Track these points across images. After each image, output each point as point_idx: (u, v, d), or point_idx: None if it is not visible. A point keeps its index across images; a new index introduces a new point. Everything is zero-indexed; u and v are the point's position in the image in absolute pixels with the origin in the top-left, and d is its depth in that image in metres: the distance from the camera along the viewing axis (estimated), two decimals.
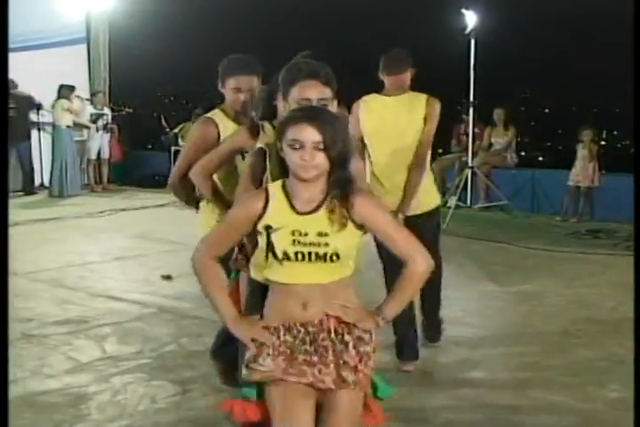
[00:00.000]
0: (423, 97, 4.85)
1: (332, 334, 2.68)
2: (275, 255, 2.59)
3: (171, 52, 15.89)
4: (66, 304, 6.20)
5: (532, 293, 6.59)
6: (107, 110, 13.71)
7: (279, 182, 2.67)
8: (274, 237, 2.59)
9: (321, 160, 2.56)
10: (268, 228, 2.59)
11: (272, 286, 2.72)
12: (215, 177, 3.74)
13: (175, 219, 10.45)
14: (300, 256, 2.59)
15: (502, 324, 5.80)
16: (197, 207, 4.13)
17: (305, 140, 2.55)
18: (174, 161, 13.06)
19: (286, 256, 2.59)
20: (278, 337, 2.68)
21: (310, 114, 2.62)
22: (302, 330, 2.67)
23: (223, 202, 3.64)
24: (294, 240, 2.58)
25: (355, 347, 2.70)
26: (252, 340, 2.70)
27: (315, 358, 2.66)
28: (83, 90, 13.48)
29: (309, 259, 2.60)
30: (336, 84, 3.08)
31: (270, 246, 2.59)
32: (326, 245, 2.59)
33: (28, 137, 12.74)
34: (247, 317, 2.81)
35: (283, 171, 2.66)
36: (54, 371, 4.75)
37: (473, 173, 10.74)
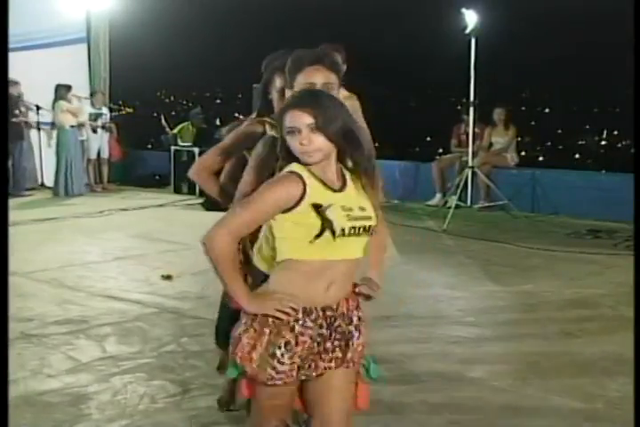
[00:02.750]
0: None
1: (345, 318, 2.71)
2: (333, 232, 2.58)
3: (171, 52, 15.91)
4: (66, 304, 6.19)
5: (532, 292, 6.59)
6: (105, 110, 13.71)
7: (297, 165, 2.64)
8: (329, 213, 2.57)
9: (320, 142, 2.58)
10: (317, 206, 2.57)
11: (296, 268, 2.65)
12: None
13: (175, 219, 10.47)
14: (352, 231, 2.62)
15: (502, 323, 5.80)
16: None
17: (298, 124, 2.57)
18: (174, 161, 13.19)
19: (343, 232, 2.59)
20: (297, 320, 2.63)
21: (300, 99, 2.65)
22: (321, 314, 2.66)
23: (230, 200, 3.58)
24: (347, 215, 2.60)
25: (357, 327, 2.75)
26: (280, 311, 2.62)
27: (328, 345, 2.67)
28: (83, 90, 13.47)
29: (358, 233, 2.64)
30: (343, 70, 3.10)
31: (328, 224, 2.57)
32: (369, 218, 2.66)
33: (21, 137, 12.69)
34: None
35: (292, 160, 2.66)
36: (54, 371, 4.75)
37: (473, 173, 10.73)
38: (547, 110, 17.03)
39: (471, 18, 9.91)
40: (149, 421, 4.07)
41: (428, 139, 16.38)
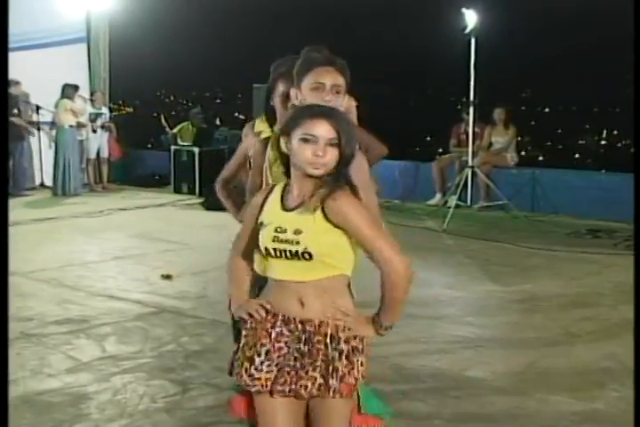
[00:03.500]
0: None
1: (328, 339, 2.61)
2: (260, 251, 2.62)
3: (171, 52, 15.91)
4: (66, 304, 6.19)
5: (531, 292, 6.59)
6: (105, 110, 13.71)
7: (284, 182, 2.67)
8: (261, 233, 2.61)
9: (332, 157, 2.54)
10: (260, 224, 2.63)
11: (269, 280, 2.72)
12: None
13: (175, 218, 10.46)
14: (277, 253, 2.58)
15: (502, 323, 5.80)
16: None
17: (320, 135, 2.53)
18: (174, 160, 13.19)
19: (267, 252, 2.59)
20: (273, 326, 2.63)
21: (326, 110, 2.61)
22: (300, 327, 2.61)
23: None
24: (275, 237, 2.58)
25: (347, 357, 2.62)
26: (250, 315, 2.67)
27: (305, 360, 2.59)
28: (83, 90, 13.46)
29: (285, 256, 2.57)
30: (349, 77, 3.09)
31: (258, 241, 2.62)
32: (297, 243, 2.55)
33: (21, 138, 12.68)
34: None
35: (286, 168, 2.64)
36: (54, 370, 4.75)
37: (473, 173, 10.72)
38: (546, 110, 17.02)
39: (471, 18, 9.90)
40: (149, 421, 4.07)
41: (428, 138, 16.39)
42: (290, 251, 2.55)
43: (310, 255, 2.54)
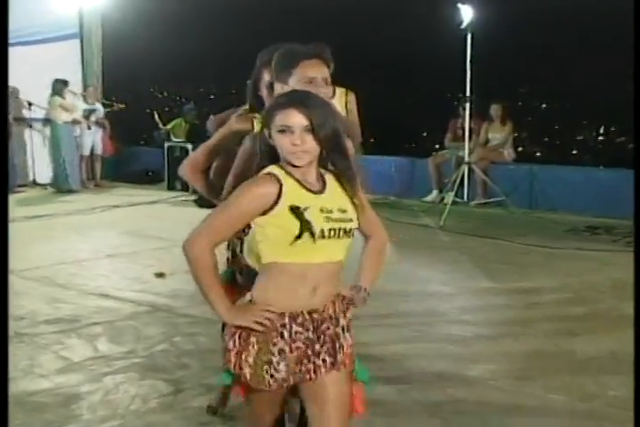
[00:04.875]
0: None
1: (333, 320, 2.69)
2: (312, 234, 2.57)
3: (164, 48, 15.85)
4: (57, 302, 6.17)
5: (529, 290, 6.57)
6: (98, 106, 13.69)
7: (276, 166, 2.64)
8: (308, 216, 2.57)
9: (311, 144, 2.58)
10: (295, 208, 2.57)
11: (280, 271, 2.64)
12: None
13: (168, 216, 10.44)
14: (332, 233, 2.61)
15: (499, 321, 5.78)
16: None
17: (293, 124, 2.56)
18: (167, 157, 13.16)
19: (322, 234, 2.59)
20: (283, 325, 2.63)
21: (296, 98, 2.64)
22: (308, 317, 2.65)
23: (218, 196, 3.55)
24: (326, 217, 2.60)
25: (348, 330, 2.73)
26: (258, 323, 2.60)
27: (317, 347, 2.65)
28: (76, 85, 13.48)
29: (338, 235, 2.63)
30: (332, 64, 3.09)
31: (306, 225, 2.56)
32: (350, 220, 2.66)
33: (10, 134, 12.63)
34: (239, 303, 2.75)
35: (273, 159, 2.65)
36: (45, 370, 4.72)
37: (470, 169, 10.72)
38: (544, 106, 16.99)
39: (467, 13, 9.89)
40: (141, 421, 4.05)
41: (424, 134, 16.37)
42: (344, 229, 2.64)
43: (353, 232, 2.69)
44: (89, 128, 13.33)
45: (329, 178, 2.70)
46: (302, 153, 2.58)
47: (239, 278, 3.25)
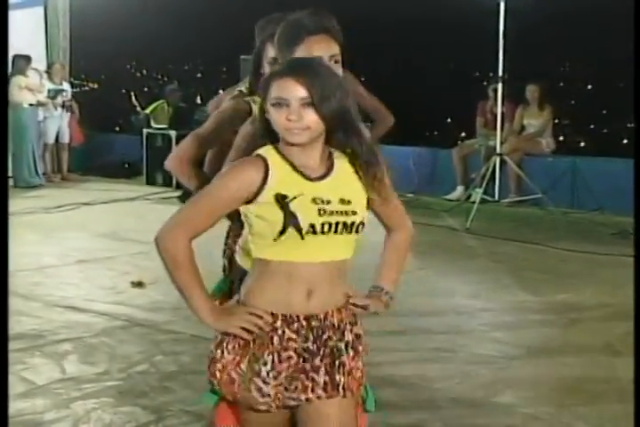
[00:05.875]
0: None
1: (336, 332, 2.66)
2: (299, 229, 2.56)
3: (144, 18, 15.87)
4: (18, 316, 6.19)
5: (569, 303, 6.60)
6: (66, 86, 13.69)
7: (269, 147, 2.64)
8: (294, 206, 2.55)
9: (311, 120, 2.55)
10: (281, 197, 2.55)
11: (267, 270, 2.64)
12: None
13: (148, 215, 10.45)
14: (326, 228, 2.59)
15: (534, 340, 5.81)
16: None
17: (289, 96, 2.54)
18: (147, 146, 13.20)
19: (312, 229, 2.57)
20: (274, 329, 2.61)
21: (294, 67, 2.63)
22: (305, 324, 2.63)
23: None
24: (320, 209, 2.58)
25: (353, 346, 2.69)
26: (244, 329, 2.60)
27: (317, 362, 2.62)
28: (39, 61, 13.46)
29: (336, 230, 2.60)
30: (342, 40, 3.11)
31: (290, 218, 2.55)
32: (354, 213, 2.62)
33: None
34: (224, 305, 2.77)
35: (269, 137, 2.64)
36: None
37: (502, 162, 10.74)
38: (589, 87, 17.01)
39: None
40: None
41: (449, 120, 16.39)
42: (344, 223, 2.61)
43: (363, 226, 2.66)
44: (54, 109, 13.29)
45: (341, 161, 2.67)
46: (301, 129, 2.55)
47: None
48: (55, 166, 13.76)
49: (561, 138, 13.06)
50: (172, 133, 12.73)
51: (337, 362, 2.64)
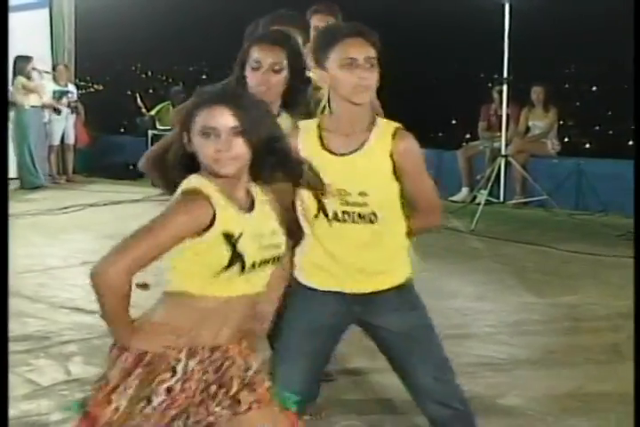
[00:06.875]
0: None
1: (241, 363, 2.70)
2: (242, 266, 2.57)
3: (148, 19, 15.86)
4: (23, 317, 6.21)
5: (575, 305, 6.60)
6: (71, 87, 13.70)
7: (200, 178, 2.59)
8: (240, 246, 2.55)
9: (241, 150, 2.53)
10: (228, 236, 2.54)
11: (188, 304, 2.64)
12: None
13: (153, 216, 10.47)
14: (262, 263, 2.64)
15: (540, 342, 5.81)
16: None
17: (219, 126, 2.51)
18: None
19: (253, 265, 2.59)
20: (178, 359, 2.61)
21: (223, 94, 2.62)
22: (207, 355, 2.64)
23: None
24: (260, 246, 2.60)
25: (257, 371, 2.75)
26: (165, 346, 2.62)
27: (212, 389, 2.64)
28: (44, 62, 13.45)
29: (267, 263, 2.65)
30: (380, 46, 3.10)
31: (238, 257, 2.55)
32: (279, 246, 2.70)
33: None
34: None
35: (190, 169, 2.61)
36: (10, 396, 4.74)
37: (507, 163, 10.74)
38: (594, 88, 16.99)
39: None
40: None
41: (453, 122, 16.38)
42: (274, 257, 2.69)
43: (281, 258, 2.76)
44: (59, 113, 13.31)
45: (255, 190, 2.69)
46: (231, 160, 2.52)
47: None
48: (60, 168, 13.78)
49: (566, 139, 13.05)
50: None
51: (245, 388, 2.67)
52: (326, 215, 3.00)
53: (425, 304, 3.44)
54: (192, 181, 2.57)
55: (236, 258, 2.54)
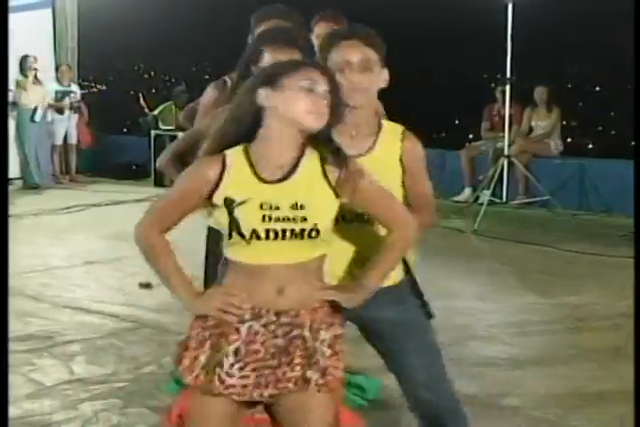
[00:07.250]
0: None
1: (307, 331, 2.66)
2: (241, 234, 2.57)
3: (151, 18, 15.87)
4: (27, 317, 6.21)
5: (577, 305, 6.59)
6: (74, 87, 13.71)
7: (240, 147, 2.63)
8: (238, 212, 2.56)
9: (326, 109, 2.61)
10: (229, 201, 2.57)
11: (235, 269, 2.69)
12: None
13: None
14: (272, 234, 2.58)
15: (542, 342, 5.81)
16: None
17: (318, 85, 2.58)
18: (154, 147, 13.20)
19: (255, 235, 2.57)
20: (242, 321, 2.63)
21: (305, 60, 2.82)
22: (274, 319, 2.64)
23: None
24: (264, 216, 2.57)
25: (330, 346, 2.68)
26: (222, 311, 2.65)
27: (283, 358, 2.63)
28: (46, 63, 13.45)
29: (283, 237, 2.58)
30: (383, 47, 3.09)
31: (234, 224, 2.57)
32: (304, 220, 2.59)
33: None
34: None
35: (247, 131, 2.63)
36: (13, 396, 4.75)
37: (510, 163, 10.74)
38: (597, 89, 16.97)
39: None
40: None
41: (456, 122, 16.38)
42: (292, 230, 2.58)
43: (318, 232, 2.60)
44: (61, 113, 13.32)
45: (309, 162, 2.65)
46: (324, 114, 2.58)
47: None
48: (63, 168, 13.79)
49: (569, 140, 13.03)
50: (180, 135, 12.71)
51: (313, 360, 2.63)
52: (344, 218, 2.94)
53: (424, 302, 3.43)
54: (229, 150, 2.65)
55: (233, 225, 2.57)
